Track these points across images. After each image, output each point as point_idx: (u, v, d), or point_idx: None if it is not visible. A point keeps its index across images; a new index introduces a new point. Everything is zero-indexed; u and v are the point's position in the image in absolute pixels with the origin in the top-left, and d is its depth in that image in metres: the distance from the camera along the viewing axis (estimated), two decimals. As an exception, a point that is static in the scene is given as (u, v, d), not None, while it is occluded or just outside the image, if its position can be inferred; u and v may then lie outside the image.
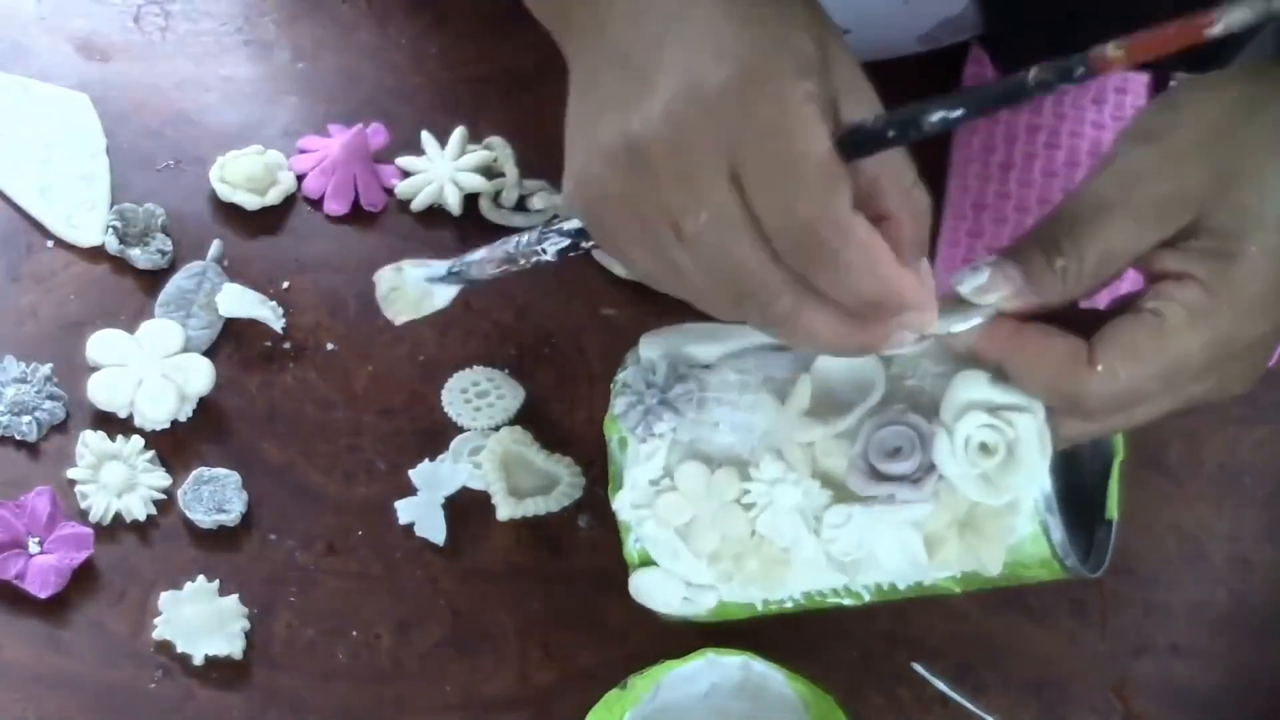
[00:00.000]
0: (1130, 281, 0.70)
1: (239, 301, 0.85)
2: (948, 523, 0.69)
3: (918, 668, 0.79)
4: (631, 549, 0.74)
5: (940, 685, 0.79)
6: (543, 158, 0.91)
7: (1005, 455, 0.67)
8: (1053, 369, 0.66)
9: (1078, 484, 0.74)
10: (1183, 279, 0.66)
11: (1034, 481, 0.68)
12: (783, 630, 0.79)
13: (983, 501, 0.68)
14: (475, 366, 0.85)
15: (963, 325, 0.67)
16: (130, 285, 0.87)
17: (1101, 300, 0.70)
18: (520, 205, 0.90)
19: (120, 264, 0.87)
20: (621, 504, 0.73)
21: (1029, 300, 0.67)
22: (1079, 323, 0.67)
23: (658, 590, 0.73)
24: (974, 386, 0.67)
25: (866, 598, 0.72)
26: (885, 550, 0.69)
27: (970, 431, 0.67)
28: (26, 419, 0.82)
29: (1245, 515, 0.84)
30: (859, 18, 0.84)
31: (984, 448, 0.67)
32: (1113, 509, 0.74)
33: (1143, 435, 0.84)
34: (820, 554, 0.70)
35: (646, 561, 0.73)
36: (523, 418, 0.84)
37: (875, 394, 0.69)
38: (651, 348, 0.74)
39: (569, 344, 0.87)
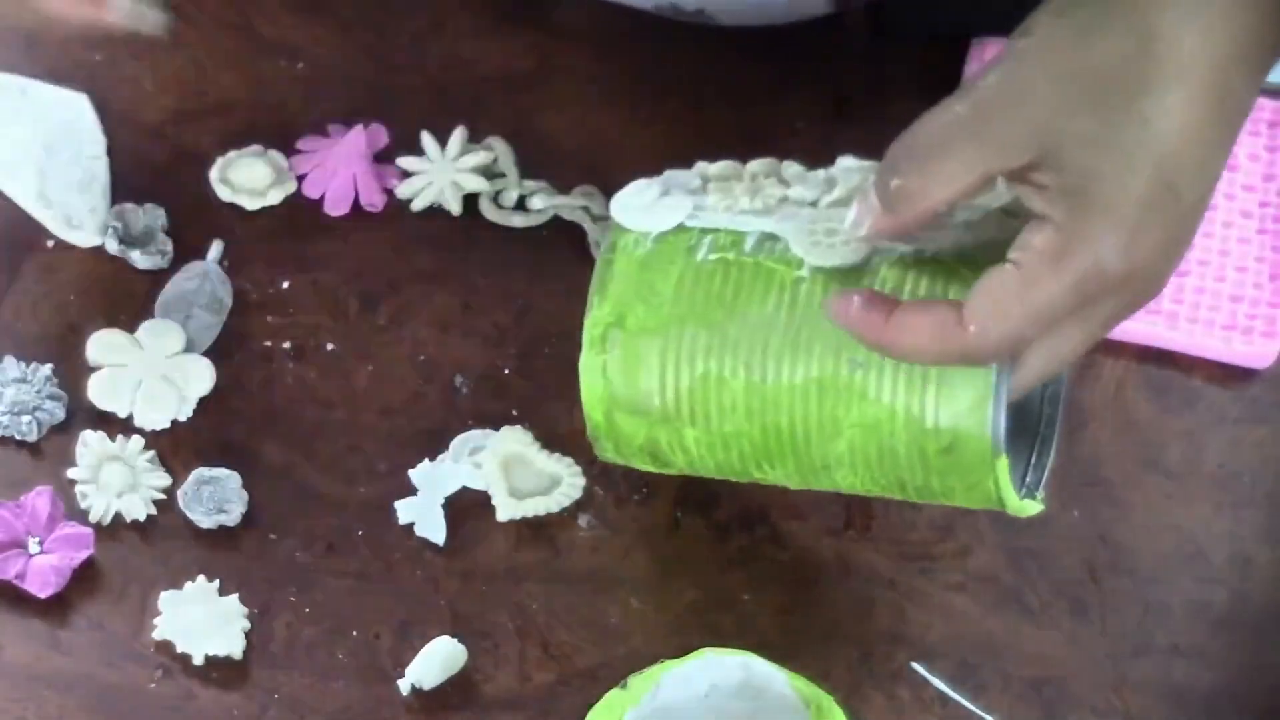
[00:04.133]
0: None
1: None
2: None
3: (918, 668, 0.79)
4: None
5: (940, 685, 0.79)
6: (543, 158, 0.91)
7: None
8: (930, 341, 0.67)
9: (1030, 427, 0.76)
10: (1041, 222, 0.65)
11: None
12: (783, 630, 0.79)
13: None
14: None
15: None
16: (130, 285, 0.87)
17: None
18: (520, 205, 0.90)
19: (120, 264, 0.87)
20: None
21: (891, 224, 0.68)
22: None
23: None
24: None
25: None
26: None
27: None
28: (26, 419, 0.83)
29: (1245, 515, 0.84)
30: None
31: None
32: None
33: (1143, 435, 0.85)
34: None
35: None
36: (523, 418, 0.84)
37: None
38: None
39: (569, 344, 0.86)
